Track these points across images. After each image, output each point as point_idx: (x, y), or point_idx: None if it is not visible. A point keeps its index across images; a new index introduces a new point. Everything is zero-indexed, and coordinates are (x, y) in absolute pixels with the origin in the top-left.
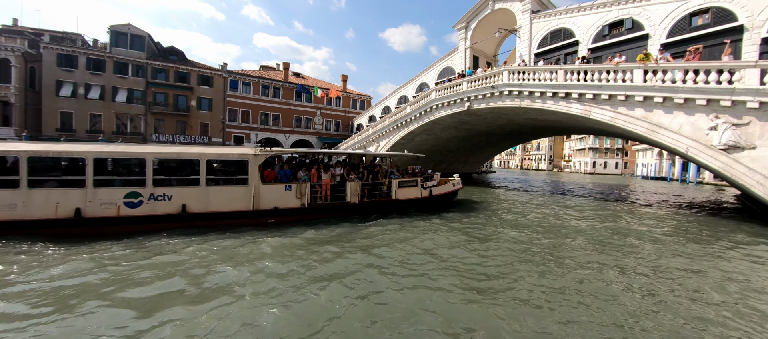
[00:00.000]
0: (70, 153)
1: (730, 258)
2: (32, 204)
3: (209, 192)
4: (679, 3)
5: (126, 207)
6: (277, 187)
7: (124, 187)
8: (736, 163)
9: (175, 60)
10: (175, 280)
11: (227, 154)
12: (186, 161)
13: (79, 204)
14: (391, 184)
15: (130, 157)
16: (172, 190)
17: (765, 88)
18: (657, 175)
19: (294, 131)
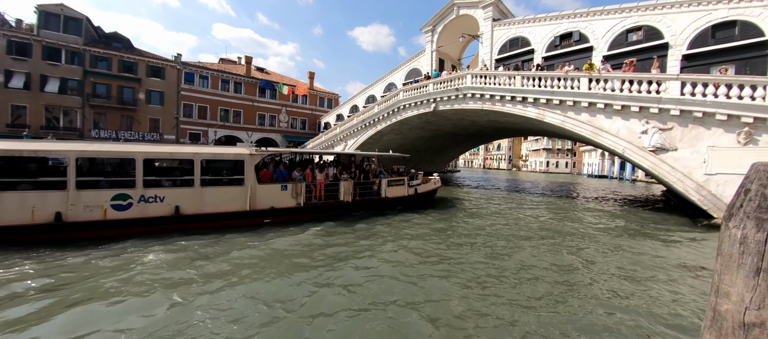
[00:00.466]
0: (49, 152)
1: (653, 243)
2: (4, 208)
3: (204, 192)
4: (617, 20)
5: (114, 210)
6: (273, 187)
7: (111, 188)
8: (662, 163)
9: (120, 48)
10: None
11: (222, 154)
12: (179, 161)
13: (60, 207)
14: (381, 183)
15: (118, 157)
16: (164, 191)
17: (684, 98)
18: (600, 173)
19: (257, 129)
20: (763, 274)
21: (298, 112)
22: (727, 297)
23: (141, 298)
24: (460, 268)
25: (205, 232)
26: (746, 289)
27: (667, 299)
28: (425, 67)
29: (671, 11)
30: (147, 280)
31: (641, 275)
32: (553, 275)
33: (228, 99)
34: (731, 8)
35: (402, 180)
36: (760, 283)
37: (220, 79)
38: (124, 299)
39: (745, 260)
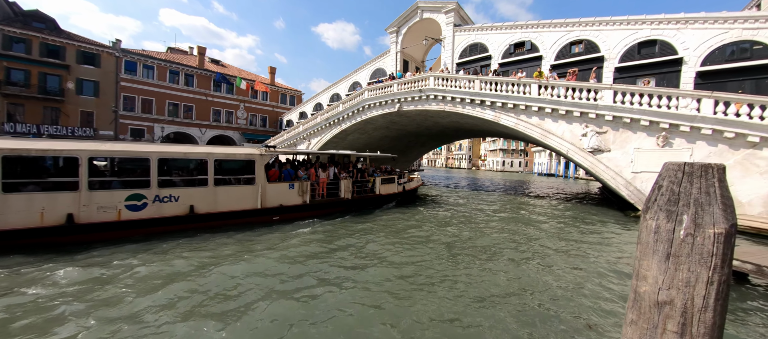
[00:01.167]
0: (59, 152)
1: (590, 231)
2: (9, 211)
3: (217, 192)
4: (562, 33)
5: (128, 210)
6: (282, 185)
7: (125, 188)
8: (598, 163)
9: (43, 28)
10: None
11: (234, 154)
12: (193, 161)
13: (72, 209)
14: (375, 181)
15: (132, 157)
16: (178, 191)
17: (616, 105)
18: (548, 172)
19: (212, 126)
20: (672, 258)
21: (258, 108)
22: (644, 280)
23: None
24: (435, 249)
25: (224, 229)
26: (659, 272)
27: (598, 282)
28: (390, 68)
29: (606, 28)
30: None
31: (580, 263)
32: (504, 264)
33: (178, 92)
34: (653, 29)
35: (393, 178)
36: (669, 266)
37: (168, 70)
38: None
39: (658, 247)
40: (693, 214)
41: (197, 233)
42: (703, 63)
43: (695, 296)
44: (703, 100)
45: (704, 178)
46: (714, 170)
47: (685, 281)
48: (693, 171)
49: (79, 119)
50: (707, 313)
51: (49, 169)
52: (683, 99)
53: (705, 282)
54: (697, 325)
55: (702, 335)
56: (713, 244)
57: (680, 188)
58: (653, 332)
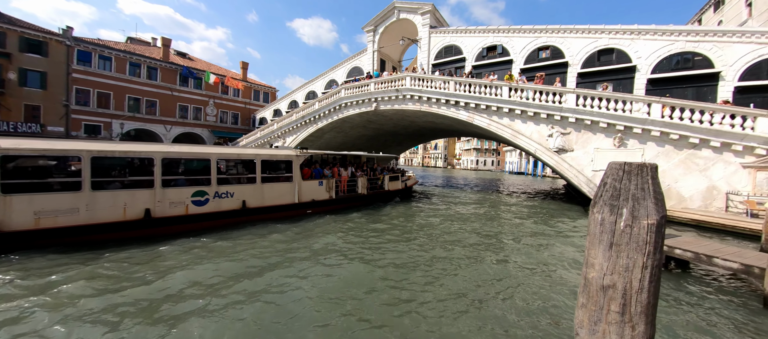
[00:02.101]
0: (138, 153)
1: (556, 224)
2: (98, 207)
3: (264, 188)
4: (531, 38)
5: (194, 205)
6: (313, 182)
7: (191, 186)
8: (563, 162)
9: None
10: None
11: (276, 155)
12: (244, 161)
13: (148, 204)
14: (384, 179)
15: (197, 157)
16: (233, 187)
17: (579, 108)
18: (519, 170)
19: (178, 123)
20: (614, 247)
21: (229, 105)
22: (592, 267)
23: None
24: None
25: (270, 221)
26: (604, 259)
27: (561, 272)
28: (367, 66)
29: (569, 36)
30: None
31: (545, 254)
32: (480, 253)
33: (139, 86)
34: (611, 38)
35: (397, 176)
36: (612, 254)
37: (127, 62)
38: None
39: (603, 237)
40: (631, 207)
41: (250, 225)
42: (653, 71)
43: (633, 280)
44: (653, 105)
45: (640, 175)
46: (648, 169)
47: (625, 267)
48: (631, 169)
49: (23, 113)
50: (643, 294)
51: (129, 169)
52: (636, 103)
53: (640, 267)
54: (634, 305)
55: (639, 314)
56: (647, 233)
57: (621, 185)
58: (600, 313)
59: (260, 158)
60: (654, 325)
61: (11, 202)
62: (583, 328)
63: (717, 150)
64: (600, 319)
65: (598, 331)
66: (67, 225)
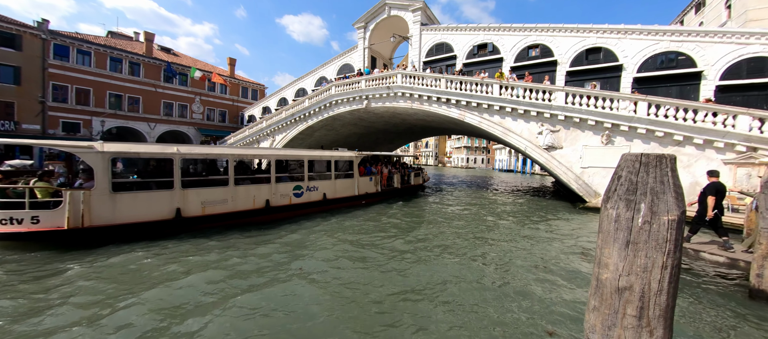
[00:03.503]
0: (260, 155)
1: (547, 220)
2: (238, 198)
3: (336, 183)
4: (521, 37)
5: (294, 197)
6: (365, 178)
7: (291, 182)
8: (552, 159)
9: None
10: None
11: (343, 156)
12: (322, 161)
13: (268, 196)
14: (411, 175)
15: (295, 159)
16: (317, 183)
17: (568, 106)
18: (508, 168)
19: (163, 120)
20: (631, 245)
21: (216, 102)
22: (606, 267)
23: None
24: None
25: (339, 211)
26: (620, 259)
27: (556, 265)
28: (358, 64)
29: (558, 35)
30: None
31: (536, 248)
32: (477, 249)
33: (120, 82)
34: (598, 37)
35: (420, 173)
36: (629, 253)
37: (108, 57)
38: None
39: (618, 235)
40: (649, 202)
41: (328, 214)
42: (639, 70)
43: (652, 281)
44: (639, 103)
45: (659, 167)
46: (667, 160)
47: (643, 267)
48: (650, 161)
49: None
50: (662, 296)
51: (255, 168)
52: (623, 101)
53: (660, 267)
54: (653, 308)
55: (657, 317)
56: (667, 230)
57: (638, 178)
58: (614, 317)
59: (334, 159)
60: (672, 329)
61: (187, 195)
62: (595, 333)
63: (700, 147)
64: (615, 323)
65: (612, 337)
66: (220, 212)
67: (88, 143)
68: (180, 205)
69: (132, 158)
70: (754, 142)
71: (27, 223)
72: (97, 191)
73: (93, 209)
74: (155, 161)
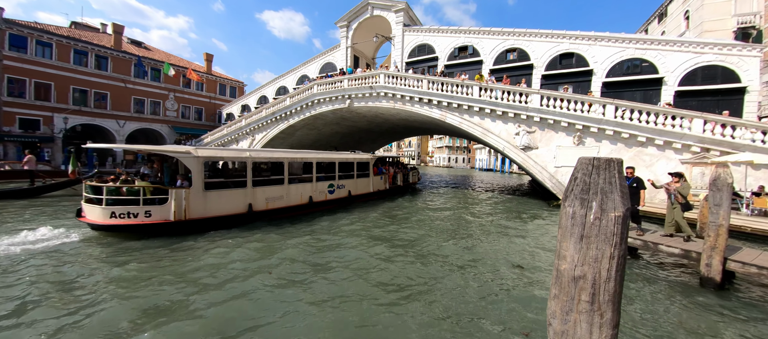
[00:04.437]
0: (305, 158)
1: (525, 219)
2: (291, 195)
3: (357, 182)
4: (499, 40)
5: (328, 193)
6: (377, 177)
7: (326, 180)
8: (529, 159)
9: None
10: None
11: (362, 158)
12: (347, 163)
13: (311, 193)
14: (410, 174)
15: (328, 161)
16: (344, 181)
17: (542, 108)
18: (488, 167)
19: (134, 118)
20: (585, 239)
21: (191, 99)
22: (564, 259)
23: None
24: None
25: (361, 205)
26: (575, 251)
27: (531, 261)
28: (340, 62)
29: (534, 39)
30: None
31: (512, 246)
32: (453, 247)
33: (86, 76)
34: (571, 43)
35: (416, 172)
36: (583, 246)
37: (72, 49)
38: None
39: (574, 230)
40: (600, 200)
41: (350, 209)
42: (608, 75)
43: (601, 270)
44: (607, 106)
45: (607, 170)
46: (615, 163)
47: (594, 258)
48: (600, 164)
49: None
50: (610, 283)
51: (302, 169)
52: (593, 104)
53: (609, 257)
54: (603, 294)
55: (606, 302)
56: (615, 225)
57: (591, 179)
58: (571, 303)
59: (356, 160)
60: (619, 311)
61: (256, 192)
62: (556, 319)
63: (660, 147)
64: (571, 308)
65: (569, 321)
66: (278, 206)
67: (186, 148)
68: (251, 201)
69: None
70: (707, 143)
71: (141, 216)
72: (193, 190)
73: (191, 205)
74: (233, 163)
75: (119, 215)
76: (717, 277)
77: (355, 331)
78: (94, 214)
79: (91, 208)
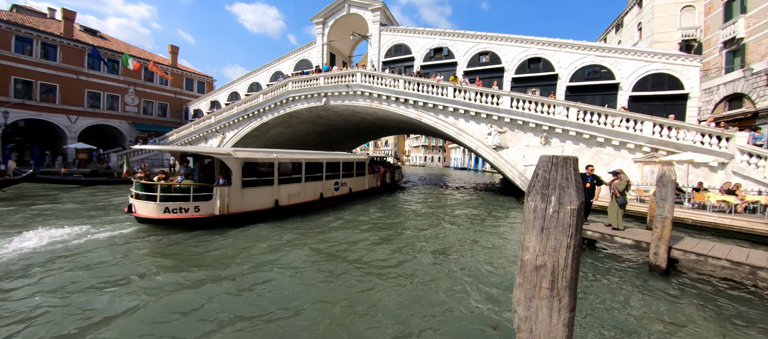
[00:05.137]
0: (317, 159)
1: (496, 215)
2: (306, 192)
3: (356, 180)
4: (473, 43)
5: (334, 190)
6: (371, 175)
7: (332, 179)
8: (500, 158)
9: None
10: None
11: (359, 159)
12: (348, 163)
13: (321, 190)
14: (396, 172)
15: (334, 161)
16: (346, 179)
17: (512, 110)
18: (462, 166)
19: (88, 113)
20: (545, 231)
21: (155, 94)
22: (527, 249)
23: None
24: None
25: (361, 200)
26: (537, 242)
27: (497, 253)
28: (316, 60)
29: (505, 44)
30: None
31: (485, 240)
32: (429, 241)
33: (30, 66)
34: (539, 48)
35: (400, 171)
36: (543, 237)
37: (12, 36)
38: None
39: (535, 222)
40: (558, 195)
41: (351, 204)
42: (571, 79)
43: (560, 258)
44: (571, 109)
45: (565, 167)
46: (570, 161)
47: (553, 248)
48: (558, 162)
49: None
50: (567, 270)
51: (314, 168)
52: (557, 107)
53: (566, 247)
54: (561, 280)
55: (564, 288)
56: (571, 217)
57: (550, 175)
58: (533, 290)
59: (356, 161)
60: (576, 296)
61: (280, 190)
62: (520, 305)
63: (616, 148)
64: (534, 295)
65: (532, 306)
66: (297, 202)
67: (227, 150)
68: (277, 197)
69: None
70: (656, 144)
71: (192, 211)
72: (233, 187)
73: (231, 201)
74: (264, 165)
75: (172, 210)
76: (663, 264)
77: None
78: (147, 209)
79: (143, 204)
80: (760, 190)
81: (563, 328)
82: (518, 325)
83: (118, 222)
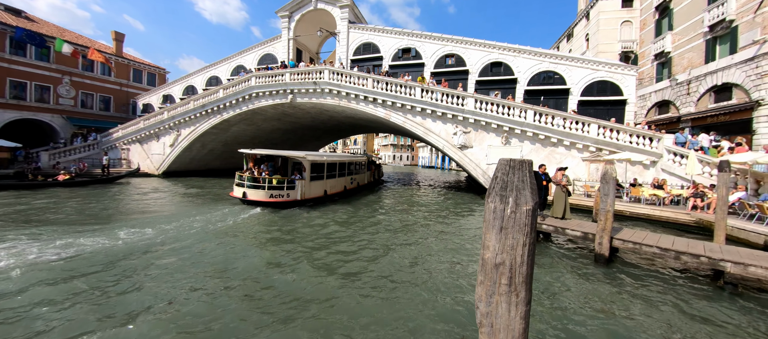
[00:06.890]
0: (340, 159)
1: (459, 211)
2: (338, 184)
3: (362, 176)
4: (439, 46)
5: (350, 183)
6: (368, 173)
7: (349, 175)
8: (465, 157)
9: None
10: None
11: (363, 159)
12: (357, 163)
13: (345, 184)
14: (379, 170)
15: (347, 161)
16: (355, 176)
17: (476, 111)
18: (430, 164)
19: (10, 105)
20: (503, 230)
21: (96, 85)
22: (487, 248)
23: None
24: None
25: (363, 193)
26: (496, 241)
27: (463, 251)
28: (281, 55)
29: (469, 47)
30: None
31: (450, 239)
32: (394, 237)
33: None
34: (500, 53)
35: (381, 169)
36: (502, 236)
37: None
38: None
39: (495, 223)
40: (515, 196)
41: (357, 197)
42: (529, 83)
43: (517, 256)
44: (527, 111)
45: (521, 170)
46: (526, 164)
47: (511, 246)
48: (515, 165)
49: None
50: (523, 267)
51: (336, 168)
52: (516, 109)
53: (522, 245)
54: (518, 277)
55: (521, 283)
56: (526, 217)
57: (508, 178)
58: (493, 287)
59: (361, 161)
60: (531, 290)
61: (327, 183)
62: (482, 302)
63: (567, 147)
64: (494, 291)
65: (492, 302)
66: (333, 192)
67: (302, 154)
68: (326, 189)
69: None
70: (600, 144)
71: (285, 197)
72: (306, 180)
73: (306, 190)
74: (320, 165)
75: (274, 196)
76: (606, 253)
77: None
78: (259, 195)
79: (256, 192)
80: (683, 184)
81: (520, 320)
82: (480, 321)
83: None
